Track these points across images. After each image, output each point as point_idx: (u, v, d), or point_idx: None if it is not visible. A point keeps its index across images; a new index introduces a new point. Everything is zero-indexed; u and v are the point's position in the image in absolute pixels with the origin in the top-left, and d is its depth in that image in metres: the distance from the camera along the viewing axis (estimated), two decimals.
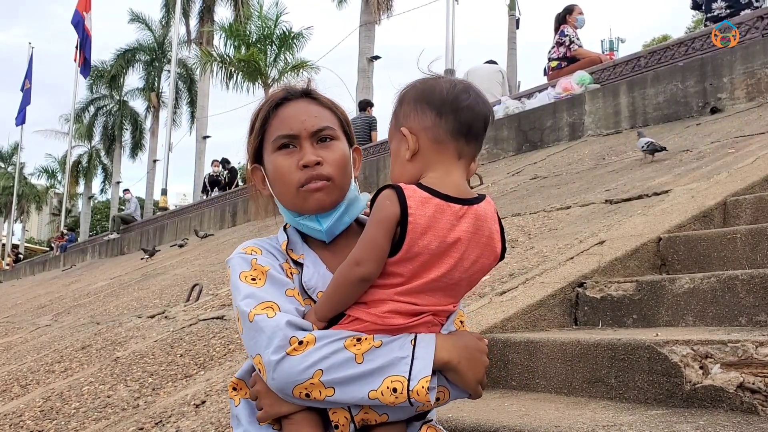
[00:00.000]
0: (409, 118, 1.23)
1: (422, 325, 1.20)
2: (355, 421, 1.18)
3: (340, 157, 1.31)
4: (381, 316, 1.18)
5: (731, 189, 3.22)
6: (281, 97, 1.36)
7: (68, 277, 14.59)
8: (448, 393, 1.22)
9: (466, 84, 1.25)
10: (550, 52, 8.79)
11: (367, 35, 18.52)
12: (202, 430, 2.47)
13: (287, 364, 1.13)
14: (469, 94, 1.22)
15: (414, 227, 1.14)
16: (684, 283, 2.35)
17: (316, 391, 1.13)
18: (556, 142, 7.19)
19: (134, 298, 6.74)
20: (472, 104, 1.22)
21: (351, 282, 1.17)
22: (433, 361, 1.16)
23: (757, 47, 5.58)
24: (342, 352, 1.14)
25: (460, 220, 1.17)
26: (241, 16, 22.75)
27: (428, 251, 1.16)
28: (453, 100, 1.21)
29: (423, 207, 1.15)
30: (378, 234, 1.16)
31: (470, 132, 1.22)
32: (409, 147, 1.22)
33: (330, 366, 1.13)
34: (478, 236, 1.19)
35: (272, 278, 1.24)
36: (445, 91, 1.22)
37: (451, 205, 1.17)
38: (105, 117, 32.92)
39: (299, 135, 1.30)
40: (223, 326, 4.04)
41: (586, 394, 2.01)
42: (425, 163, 1.22)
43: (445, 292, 1.21)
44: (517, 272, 3.02)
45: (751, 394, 1.64)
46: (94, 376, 3.77)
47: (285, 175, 1.29)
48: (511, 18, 19.93)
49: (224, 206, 13.56)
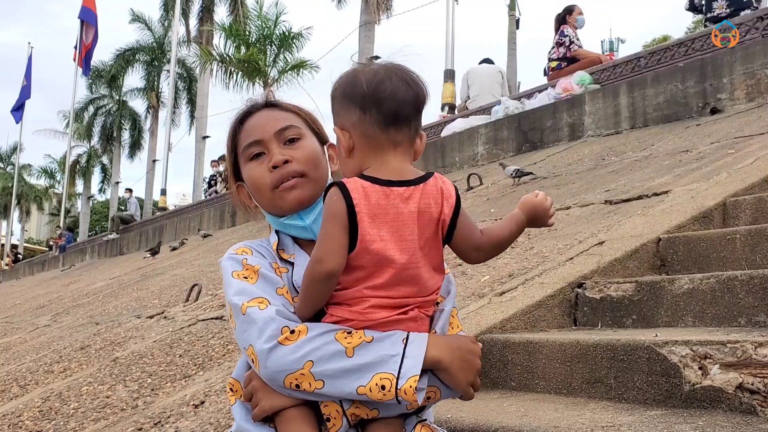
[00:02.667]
0: (339, 116, 1.26)
1: (409, 320, 1.21)
2: (347, 414, 1.18)
3: (310, 153, 1.35)
4: (363, 312, 1.19)
5: (731, 189, 3.22)
6: (245, 111, 1.41)
7: (67, 277, 14.58)
8: (440, 392, 1.23)
9: (388, 70, 1.25)
10: (550, 53, 8.79)
11: (367, 35, 18.50)
12: (201, 431, 2.46)
13: (279, 352, 1.15)
14: (390, 81, 1.22)
15: (362, 217, 1.17)
16: (683, 284, 2.35)
17: (306, 383, 1.15)
18: (556, 143, 7.19)
19: (133, 299, 6.74)
20: (395, 91, 1.22)
21: (317, 279, 1.19)
22: (424, 360, 1.16)
23: (757, 48, 5.58)
24: (333, 344, 1.15)
25: (407, 201, 1.19)
26: (241, 15, 22.75)
27: (381, 238, 1.17)
28: (373, 92, 1.22)
29: (366, 196, 1.17)
30: (332, 230, 1.18)
31: (398, 119, 1.22)
32: (344, 144, 1.25)
33: (320, 357, 1.14)
34: (427, 213, 1.21)
35: (264, 276, 1.27)
36: (365, 84, 1.22)
37: (393, 189, 1.19)
38: (104, 117, 32.89)
39: (263, 138, 1.34)
40: (222, 326, 4.04)
41: (586, 394, 2.01)
42: (362, 157, 1.24)
43: (420, 280, 1.21)
44: (517, 273, 3.02)
45: (750, 395, 1.64)
46: (93, 376, 3.77)
47: (258, 180, 1.34)
48: (511, 18, 19.92)
49: (224, 206, 13.54)
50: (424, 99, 1.26)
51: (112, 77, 30.32)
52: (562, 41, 8.57)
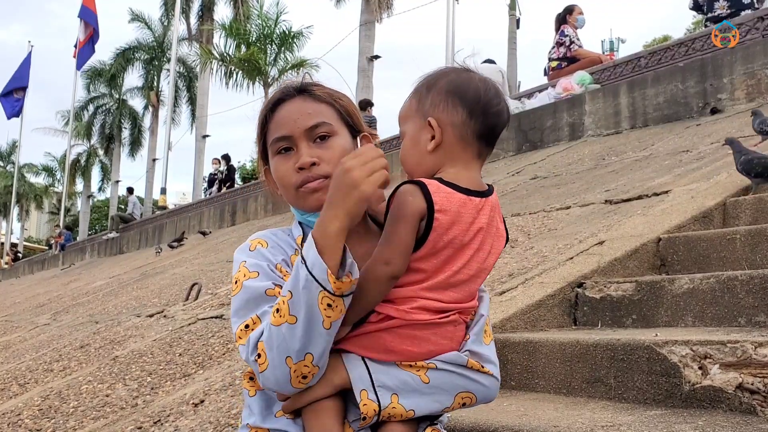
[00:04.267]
0: (438, 109, 1.22)
1: (448, 324, 1.22)
2: (381, 414, 1.18)
3: (339, 154, 1.29)
4: (408, 312, 1.18)
5: (731, 189, 3.22)
6: (277, 98, 1.36)
7: (67, 276, 14.58)
8: (475, 398, 1.26)
9: (496, 87, 1.27)
10: (551, 52, 8.79)
11: (367, 34, 18.50)
12: (200, 430, 2.46)
13: (269, 379, 1.16)
14: (499, 99, 1.25)
15: (440, 223, 1.15)
16: (683, 284, 2.35)
17: (303, 369, 1.14)
18: (556, 142, 7.19)
19: (133, 297, 6.74)
20: (501, 110, 1.25)
21: (381, 281, 1.17)
22: (321, 239, 1.11)
23: (757, 48, 5.58)
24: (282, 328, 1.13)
25: (479, 213, 1.20)
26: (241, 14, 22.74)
27: (452, 246, 1.18)
28: (486, 103, 1.23)
29: (448, 202, 1.16)
30: (404, 231, 1.15)
31: (492, 135, 1.25)
32: (435, 139, 1.21)
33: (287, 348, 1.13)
34: (492, 227, 1.23)
35: (247, 285, 1.24)
36: (481, 91, 1.23)
37: (472, 199, 1.19)
38: (104, 116, 32.87)
39: (293, 135, 1.30)
40: (222, 325, 4.04)
41: (585, 394, 2.01)
42: (446, 157, 1.22)
43: (466, 286, 1.22)
44: (517, 272, 3.02)
45: (750, 395, 1.64)
46: (93, 375, 3.77)
47: (283, 178, 1.31)
48: (512, 18, 19.94)
49: (224, 205, 13.55)
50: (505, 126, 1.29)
51: (112, 76, 30.28)
52: (562, 41, 8.56)
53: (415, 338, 1.19)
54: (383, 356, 1.20)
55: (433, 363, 1.20)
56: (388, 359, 1.20)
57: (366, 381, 1.18)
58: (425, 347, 1.20)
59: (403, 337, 1.19)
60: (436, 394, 1.21)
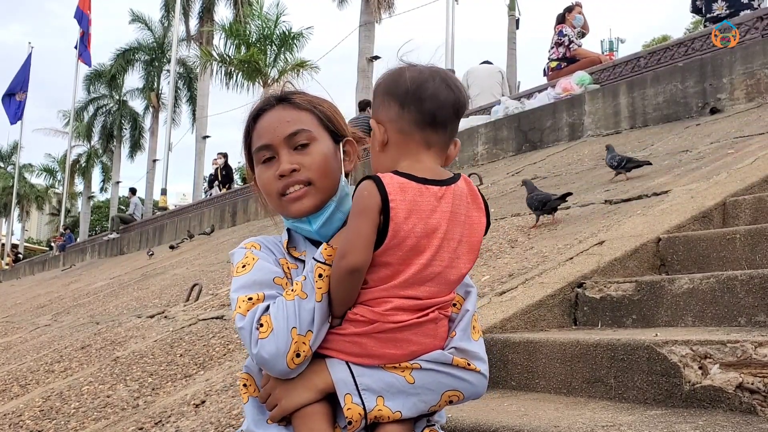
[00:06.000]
0: (379, 110, 1.27)
1: (429, 322, 1.21)
2: (368, 417, 1.18)
3: (320, 160, 1.32)
4: (384, 314, 1.18)
5: (731, 189, 3.22)
6: (258, 108, 1.39)
7: (68, 276, 14.58)
8: (462, 395, 1.26)
9: (433, 71, 1.25)
10: (550, 53, 8.80)
11: (367, 35, 18.51)
12: (201, 430, 2.47)
13: (267, 347, 1.17)
14: (434, 82, 1.23)
15: (396, 213, 1.17)
16: (683, 284, 2.35)
17: (302, 345, 1.18)
18: (556, 143, 7.19)
19: (134, 298, 6.74)
20: (436, 92, 1.23)
21: (341, 275, 1.19)
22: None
23: (756, 48, 5.58)
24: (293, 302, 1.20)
25: (440, 201, 1.20)
26: (241, 15, 22.75)
27: (414, 235, 1.18)
28: (415, 90, 1.22)
29: (402, 192, 1.18)
30: (361, 224, 1.18)
31: (435, 121, 1.23)
32: (378, 138, 1.26)
33: (290, 316, 1.18)
34: (457, 215, 1.22)
35: (259, 267, 1.28)
36: (409, 81, 1.23)
37: (429, 188, 1.20)
38: (104, 116, 32.88)
39: (273, 143, 1.33)
40: (223, 326, 4.04)
41: (586, 394, 2.02)
42: (397, 152, 1.25)
43: (442, 278, 1.22)
44: (517, 272, 3.02)
45: (750, 395, 1.64)
46: (94, 375, 3.77)
47: (266, 186, 1.34)
48: (511, 18, 19.93)
49: (224, 206, 13.55)
50: (464, 105, 1.26)
51: (112, 77, 30.30)
52: (561, 41, 8.57)
53: (396, 341, 1.19)
54: (366, 360, 1.20)
55: (417, 363, 1.21)
56: (371, 363, 1.20)
57: (350, 385, 1.18)
58: (407, 348, 1.20)
59: (384, 341, 1.19)
60: (422, 394, 1.21)
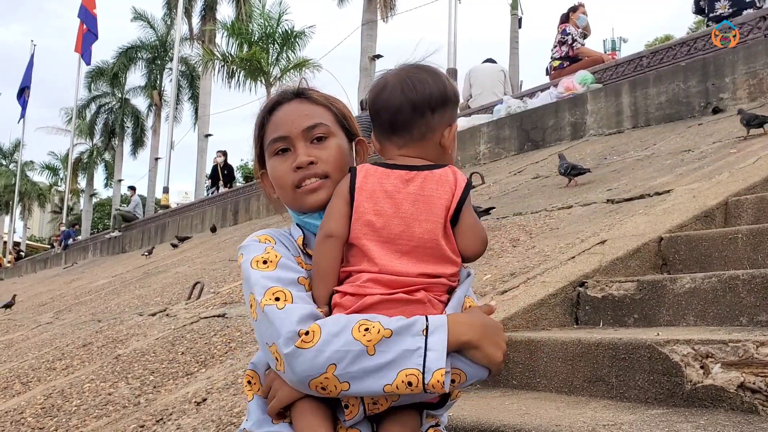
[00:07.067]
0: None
1: (416, 302, 1.21)
2: (365, 402, 1.18)
3: (336, 154, 1.32)
4: (361, 286, 1.20)
5: (733, 189, 3.21)
6: (274, 101, 1.38)
7: (69, 274, 14.60)
8: (465, 375, 1.21)
9: (394, 76, 1.29)
10: (553, 52, 8.79)
11: (369, 34, 18.50)
12: (203, 428, 2.47)
13: (300, 358, 1.13)
14: (386, 91, 1.28)
15: (359, 192, 1.23)
16: (685, 283, 2.35)
17: (332, 386, 1.13)
18: (558, 142, 7.19)
19: (135, 296, 6.75)
20: (388, 100, 1.27)
21: (319, 240, 1.25)
22: (450, 344, 1.16)
23: (759, 47, 5.57)
24: (353, 344, 1.13)
25: (407, 183, 1.24)
26: (244, 14, 22.76)
27: (376, 212, 1.22)
28: (372, 104, 1.30)
29: (367, 176, 1.25)
30: (335, 202, 1.26)
31: (395, 127, 1.28)
32: (375, 149, 1.37)
33: (342, 359, 1.12)
34: (430, 197, 1.24)
35: (283, 265, 1.25)
36: (369, 95, 1.31)
37: (396, 171, 1.26)
38: (106, 114, 32.90)
39: (290, 135, 1.32)
40: (225, 324, 4.05)
41: (587, 393, 2.01)
42: (386, 157, 1.32)
43: (419, 255, 1.23)
44: (519, 271, 3.02)
45: (752, 394, 1.64)
46: (96, 373, 3.78)
47: (280, 178, 1.32)
48: (514, 17, 19.94)
49: (226, 204, 13.56)
50: (428, 98, 1.25)
51: (114, 75, 30.32)
52: (564, 40, 8.56)
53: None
54: None
55: None
56: None
57: None
58: None
59: None
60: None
